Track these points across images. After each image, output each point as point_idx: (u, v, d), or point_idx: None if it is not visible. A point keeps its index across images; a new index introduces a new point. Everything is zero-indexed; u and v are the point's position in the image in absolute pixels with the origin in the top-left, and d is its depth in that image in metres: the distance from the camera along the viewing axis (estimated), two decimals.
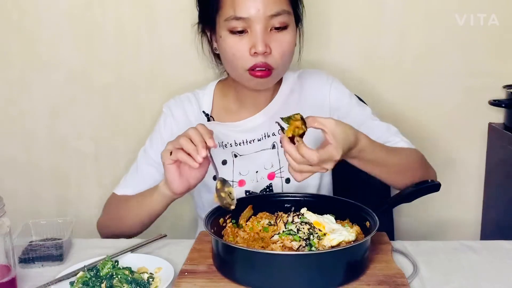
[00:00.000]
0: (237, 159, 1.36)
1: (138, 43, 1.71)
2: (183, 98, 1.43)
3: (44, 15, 1.69)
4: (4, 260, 0.96)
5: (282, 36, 1.23)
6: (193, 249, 1.12)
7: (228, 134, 1.37)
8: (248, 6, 1.19)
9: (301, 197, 1.20)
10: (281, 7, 1.22)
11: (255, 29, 1.20)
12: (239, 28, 1.21)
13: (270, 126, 1.36)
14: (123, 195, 1.37)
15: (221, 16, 1.23)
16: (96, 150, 1.79)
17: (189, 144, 1.12)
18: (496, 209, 1.75)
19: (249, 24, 1.20)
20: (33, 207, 1.82)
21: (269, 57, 1.22)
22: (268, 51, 1.21)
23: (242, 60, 1.22)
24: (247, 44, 1.21)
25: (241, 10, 1.19)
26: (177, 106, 1.42)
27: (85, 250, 1.16)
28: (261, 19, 1.19)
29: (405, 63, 1.72)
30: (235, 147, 1.36)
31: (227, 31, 1.23)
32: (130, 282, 0.96)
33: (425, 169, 1.33)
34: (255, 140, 1.37)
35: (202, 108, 1.40)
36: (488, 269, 1.06)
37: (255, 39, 1.20)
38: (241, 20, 1.20)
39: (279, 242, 1.03)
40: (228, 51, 1.24)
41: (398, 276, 0.99)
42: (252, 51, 1.20)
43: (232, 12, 1.20)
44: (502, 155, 1.68)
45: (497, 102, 1.67)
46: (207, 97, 1.42)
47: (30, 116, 1.77)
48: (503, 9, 1.67)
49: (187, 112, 1.41)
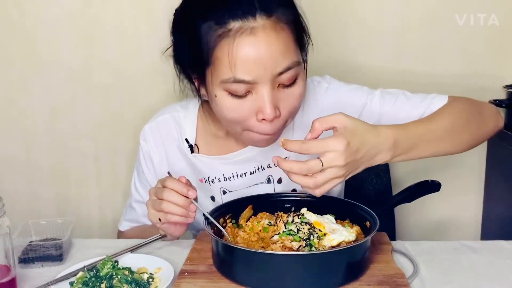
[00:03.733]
0: (226, 195, 1.23)
1: (138, 43, 1.71)
2: (159, 122, 1.25)
3: (44, 15, 1.69)
4: (3, 260, 0.96)
5: (292, 91, 1.03)
6: (193, 249, 1.12)
7: (215, 167, 1.22)
8: (252, 67, 0.97)
9: (301, 197, 1.19)
10: (291, 59, 1.00)
11: (261, 91, 0.99)
12: (241, 93, 1.00)
13: (264, 158, 1.20)
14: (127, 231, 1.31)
15: (215, 74, 1.00)
16: (96, 150, 1.79)
17: (173, 207, 1.01)
18: (496, 209, 1.75)
19: (253, 86, 0.99)
20: (33, 207, 1.82)
21: (278, 120, 1.03)
22: (278, 114, 1.02)
23: (245, 123, 1.04)
24: (252, 108, 1.01)
25: (243, 72, 0.97)
26: (154, 135, 1.25)
27: (85, 250, 1.15)
28: (268, 79, 0.98)
29: (405, 63, 1.72)
30: (224, 182, 1.23)
31: (225, 91, 1.01)
32: (130, 282, 0.96)
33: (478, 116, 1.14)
34: (247, 174, 1.22)
35: (185, 135, 1.22)
36: (488, 269, 1.06)
37: (262, 104, 0.99)
38: (243, 83, 0.98)
39: (279, 242, 1.03)
40: (226, 114, 1.04)
41: (398, 276, 0.99)
42: (259, 117, 1.01)
43: (230, 74, 0.97)
44: (502, 155, 1.68)
45: (497, 102, 1.67)
46: (189, 122, 1.22)
47: (30, 116, 1.77)
48: (503, 9, 1.67)
49: (167, 141, 1.24)
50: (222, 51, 0.98)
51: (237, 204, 1.18)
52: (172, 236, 1.14)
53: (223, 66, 0.98)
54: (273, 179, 1.24)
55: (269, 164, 1.22)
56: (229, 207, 1.16)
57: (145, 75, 1.73)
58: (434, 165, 1.78)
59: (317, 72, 1.44)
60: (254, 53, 0.97)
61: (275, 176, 1.24)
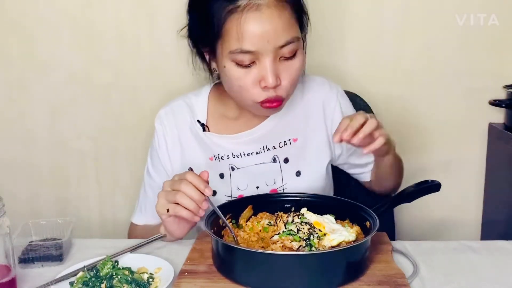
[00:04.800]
0: (234, 172, 1.30)
1: (138, 43, 1.70)
2: (174, 107, 1.35)
3: (44, 15, 1.69)
4: (4, 260, 0.96)
5: (292, 63, 1.16)
6: (193, 249, 1.12)
7: (225, 146, 1.30)
8: (256, 39, 1.10)
9: (301, 197, 1.20)
10: (291, 34, 1.13)
11: (264, 62, 1.12)
12: (246, 62, 1.12)
13: (270, 139, 1.31)
14: (139, 225, 1.34)
15: (225, 46, 1.13)
16: (96, 150, 1.79)
17: (187, 200, 1.05)
18: (496, 209, 1.75)
19: (257, 56, 1.11)
20: (33, 207, 1.82)
21: (279, 88, 1.15)
22: (278, 82, 1.14)
23: (250, 92, 1.15)
24: (256, 77, 1.13)
25: (249, 43, 1.10)
26: (168, 118, 1.34)
27: (85, 250, 1.16)
28: (271, 51, 1.11)
29: (405, 63, 1.72)
30: (232, 159, 1.30)
31: (232, 62, 1.14)
32: (130, 282, 0.96)
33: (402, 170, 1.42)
34: (253, 153, 1.30)
35: (197, 117, 1.33)
36: (488, 269, 1.06)
37: (265, 72, 1.12)
38: (248, 53, 1.11)
39: (279, 242, 1.03)
40: (235, 83, 1.16)
41: (398, 276, 0.99)
42: (262, 85, 1.14)
43: (238, 45, 1.10)
44: (502, 155, 1.68)
45: (497, 102, 1.67)
46: (201, 104, 1.33)
47: (30, 116, 1.77)
48: (503, 9, 1.67)
49: (180, 123, 1.33)
50: (231, 24, 1.11)
51: (237, 204, 1.18)
52: (173, 236, 1.15)
53: (232, 38, 1.11)
54: (279, 158, 1.31)
55: (274, 145, 1.31)
56: (229, 207, 1.16)
57: (145, 75, 1.73)
58: (434, 165, 1.78)
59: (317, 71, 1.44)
60: (259, 27, 1.10)
61: (281, 156, 1.31)
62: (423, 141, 1.78)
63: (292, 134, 1.32)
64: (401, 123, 1.75)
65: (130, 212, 1.40)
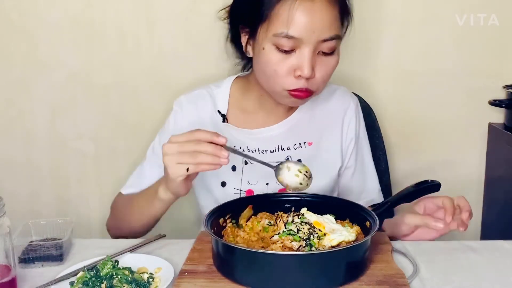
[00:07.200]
0: (247, 166, 1.31)
1: (138, 43, 1.71)
2: (196, 94, 1.36)
3: (44, 16, 1.69)
4: (4, 260, 0.96)
5: (328, 60, 1.18)
6: (193, 249, 1.12)
7: (241, 139, 1.32)
8: (304, 27, 1.12)
9: (301, 197, 1.20)
10: (335, 31, 1.17)
11: (304, 51, 1.14)
12: (286, 48, 1.15)
13: (284, 139, 1.33)
14: (128, 195, 1.35)
15: (269, 28, 1.15)
16: (96, 150, 1.79)
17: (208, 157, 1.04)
18: (496, 209, 1.75)
19: (299, 44, 1.14)
20: (33, 207, 1.82)
21: (312, 81, 1.17)
22: (313, 75, 1.16)
23: (283, 79, 1.17)
24: (292, 65, 1.15)
25: (295, 29, 1.13)
26: (189, 103, 1.35)
27: (85, 250, 1.15)
28: (313, 42, 1.14)
29: (405, 63, 1.72)
30: (247, 153, 1.31)
31: (273, 45, 1.16)
32: (130, 282, 0.96)
33: None
34: (267, 151, 1.32)
35: (217, 107, 1.34)
36: (488, 269, 1.06)
37: (302, 62, 1.14)
38: (292, 39, 1.13)
39: (279, 242, 1.03)
40: (270, 67, 1.17)
41: (398, 276, 0.99)
42: (296, 73, 1.15)
43: (284, 29, 1.13)
44: (502, 155, 1.68)
45: (497, 102, 1.67)
46: (222, 95, 1.35)
47: (30, 116, 1.77)
48: (503, 9, 1.67)
49: (200, 111, 1.34)
50: (283, 8, 1.13)
51: (237, 204, 1.18)
52: (177, 196, 1.16)
53: (279, 22, 1.13)
54: (291, 159, 1.32)
55: (289, 146, 1.33)
56: (229, 207, 1.16)
57: (145, 75, 1.73)
58: (434, 165, 1.78)
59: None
60: (308, 16, 1.13)
61: (294, 157, 1.32)
62: (423, 141, 1.78)
63: (307, 138, 1.34)
64: (401, 123, 1.76)
65: None
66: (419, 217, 1.15)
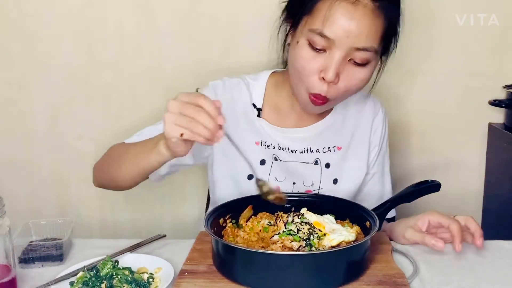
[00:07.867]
0: (276, 162, 1.31)
1: (138, 43, 1.70)
2: (233, 83, 1.33)
3: (44, 15, 1.69)
4: (4, 260, 0.96)
5: (357, 71, 1.14)
6: (193, 249, 1.12)
7: (273, 136, 1.31)
8: (339, 29, 1.09)
9: (301, 197, 1.20)
10: (371, 43, 1.11)
11: (335, 54, 1.11)
12: (318, 46, 1.11)
13: (314, 142, 1.32)
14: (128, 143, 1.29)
15: (308, 22, 1.13)
16: (96, 150, 1.79)
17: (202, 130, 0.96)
18: (496, 209, 1.75)
19: (331, 45, 1.10)
20: (33, 207, 1.82)
21: (333, 87, 1.14)
22: (336, 81, 1.13)
23: (308, 78, 1.14)
24: (320, 65, 1.12)
25: (330, 30, 1.09)
26: (225, 90, 1.32)
27: (85, 250, 1.15)
28: (346, 47, 1.10)
29: (405, 63, 1.72)
30: (278, 150, 1.31)
31: (307, 40, 1.13)
32: (130, 282, 0.96)
33: None
34: (297, 151, 1.31)
35: (253, 100, 1.32)
36: (488, 269, 1.06)
37: (329, 64, 1.11)
38: (325, 38, 1.10)
39: (279, 242, 1.03)
40: (299, 62, 1.15)
41: (398, 276, 0.99)
42: (321, 75, 1.12)
43: (320, 26, 1.10)
44: (502, 155, 1.68)
45: (497, 102, 1.67)
46: (259, 89, 1.32)
47: (30, 116, 1.77)
48: (503, 9, 1.67)
49: (235, 101, 1.31)
50: (324, 5, 1.10)
51: (237, 204, 1.18)
52: (176, 155, 1.08)
53: (317, 18, 1.11)
54: (320, 162, 1.32)
55: (318, 149, 1.32)
56: (229, 207, 1.16)
57: (145, 75, 1.73)
58: (434, 165, 1.78)
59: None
60: (346, 20, 1.09)
61: (323, 160, 1.32)
62: (423, 141, 1.78)
63: (337, 142, 1.34)
64: (401, 123, 1.76)
65: (130, 212, 1.40)
66: (420, 235, 1.14)
